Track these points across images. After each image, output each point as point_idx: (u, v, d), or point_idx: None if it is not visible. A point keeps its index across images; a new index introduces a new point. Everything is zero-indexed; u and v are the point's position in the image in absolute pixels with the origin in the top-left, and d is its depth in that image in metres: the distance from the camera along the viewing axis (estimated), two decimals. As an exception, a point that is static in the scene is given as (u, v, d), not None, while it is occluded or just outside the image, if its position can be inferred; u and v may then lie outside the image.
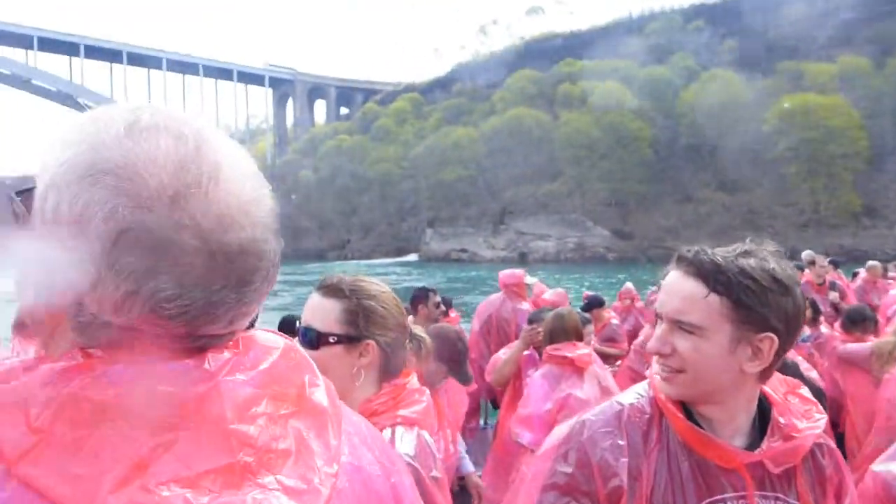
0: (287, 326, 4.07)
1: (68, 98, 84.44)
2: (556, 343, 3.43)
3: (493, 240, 60.38)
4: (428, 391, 1.62)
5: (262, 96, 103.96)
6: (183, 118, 0.59)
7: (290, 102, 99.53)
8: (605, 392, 3.34)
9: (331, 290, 1.49)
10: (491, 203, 62.25)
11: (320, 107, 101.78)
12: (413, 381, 1.58)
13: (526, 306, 5.51)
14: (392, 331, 1.50)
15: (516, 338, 5.21)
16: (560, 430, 1.33)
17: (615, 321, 6.23)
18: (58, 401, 0.53)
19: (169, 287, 0.55)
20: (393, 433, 1.43)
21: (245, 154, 0.62)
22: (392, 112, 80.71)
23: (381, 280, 1.61)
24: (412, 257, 63.66)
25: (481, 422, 5.41)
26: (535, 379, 3.43)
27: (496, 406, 5.04)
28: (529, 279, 5.76)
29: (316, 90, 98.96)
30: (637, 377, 4.89)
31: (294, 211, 70.55)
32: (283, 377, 0.62)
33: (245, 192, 0.59)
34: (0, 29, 79.21)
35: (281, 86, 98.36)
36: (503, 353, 4.25)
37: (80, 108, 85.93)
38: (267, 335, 0.66)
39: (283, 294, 22.40)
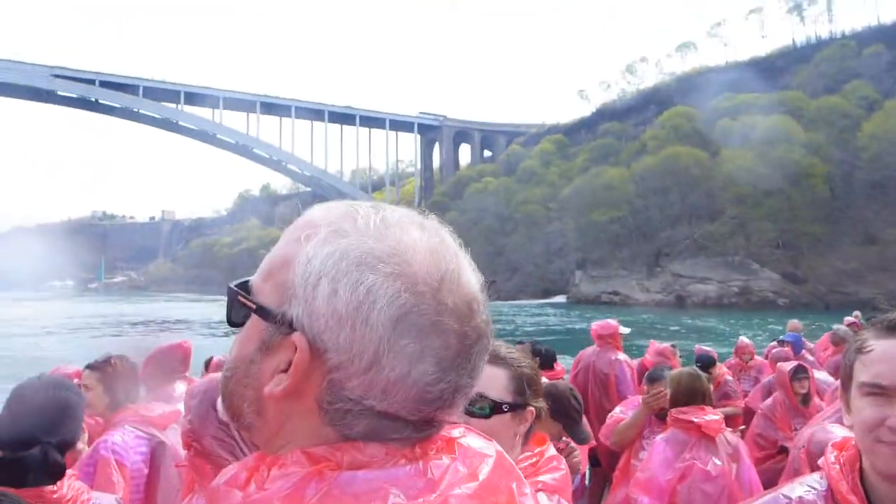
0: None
1: (244, 149, 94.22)
2: (683, 406, 3.18)
3: (648, 282, 57.92)
4: (565, 459, 1.61)
5: (411, 141, 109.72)
6: (412, 212, 0.64)
7: (436, 147, 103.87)
8: (734, 461, 3.05)
9: (494, 358, 1.48)
10: (644, 244, 60.04)
11: (465, 150, 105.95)
12: (551, 448, 1.58)
13: (622, 357, 5.47)
14: (542, 397, 1.55)
15: (615, 390, 5.24)
16: None
17: (729, 377, 5.92)
18: None
19: (432, 370, 0.57)
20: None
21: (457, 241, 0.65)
22: (536, 154, 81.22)
23: (536, 321, 1.56)
24: (560, 299, 62.77)
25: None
26: (658, 444, 3.20)
27: (595, 462, 4.87)
28: (623, 329, 5.62)
29: (461, 134, 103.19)
30: (767, 444, 4.49)
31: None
32: (496, 487, 0.61)
33: (476, 279, 0.63)
34: (192, 92, 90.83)
35: (428, 132, 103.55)
36: (619, 412, 4.06)
37: (255, 158, 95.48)
38: (478, 440, 0.65)
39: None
